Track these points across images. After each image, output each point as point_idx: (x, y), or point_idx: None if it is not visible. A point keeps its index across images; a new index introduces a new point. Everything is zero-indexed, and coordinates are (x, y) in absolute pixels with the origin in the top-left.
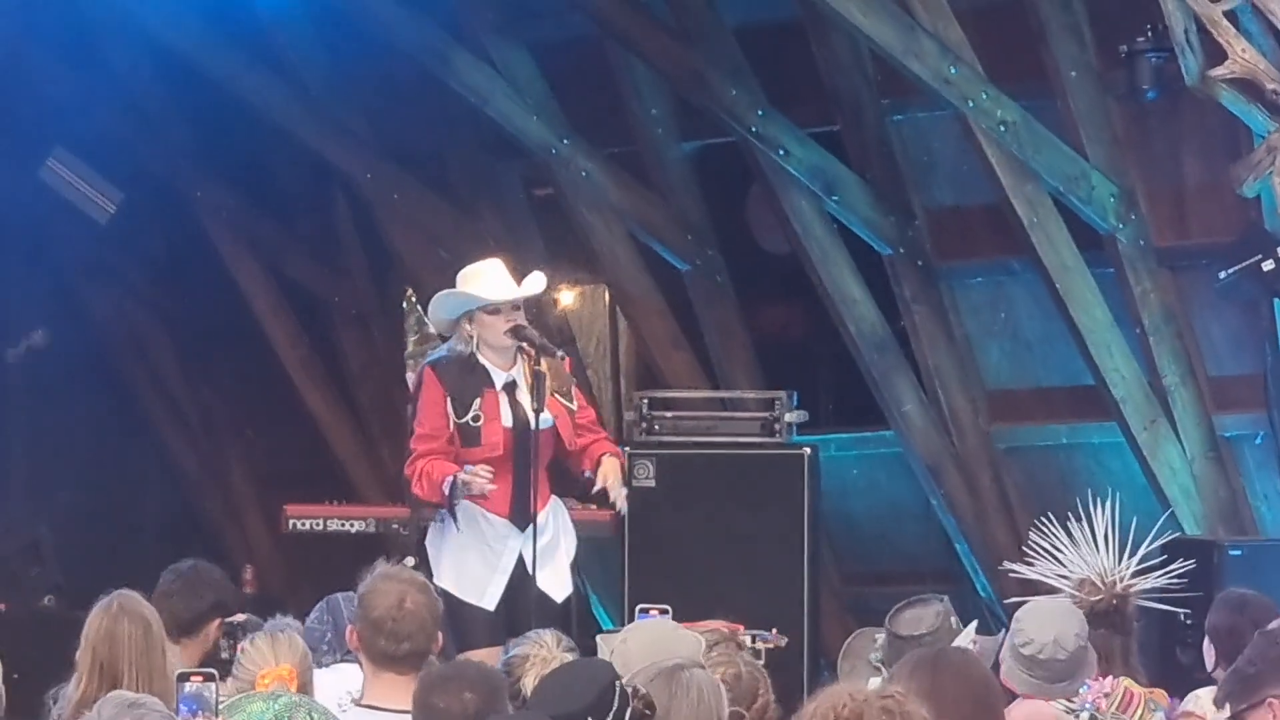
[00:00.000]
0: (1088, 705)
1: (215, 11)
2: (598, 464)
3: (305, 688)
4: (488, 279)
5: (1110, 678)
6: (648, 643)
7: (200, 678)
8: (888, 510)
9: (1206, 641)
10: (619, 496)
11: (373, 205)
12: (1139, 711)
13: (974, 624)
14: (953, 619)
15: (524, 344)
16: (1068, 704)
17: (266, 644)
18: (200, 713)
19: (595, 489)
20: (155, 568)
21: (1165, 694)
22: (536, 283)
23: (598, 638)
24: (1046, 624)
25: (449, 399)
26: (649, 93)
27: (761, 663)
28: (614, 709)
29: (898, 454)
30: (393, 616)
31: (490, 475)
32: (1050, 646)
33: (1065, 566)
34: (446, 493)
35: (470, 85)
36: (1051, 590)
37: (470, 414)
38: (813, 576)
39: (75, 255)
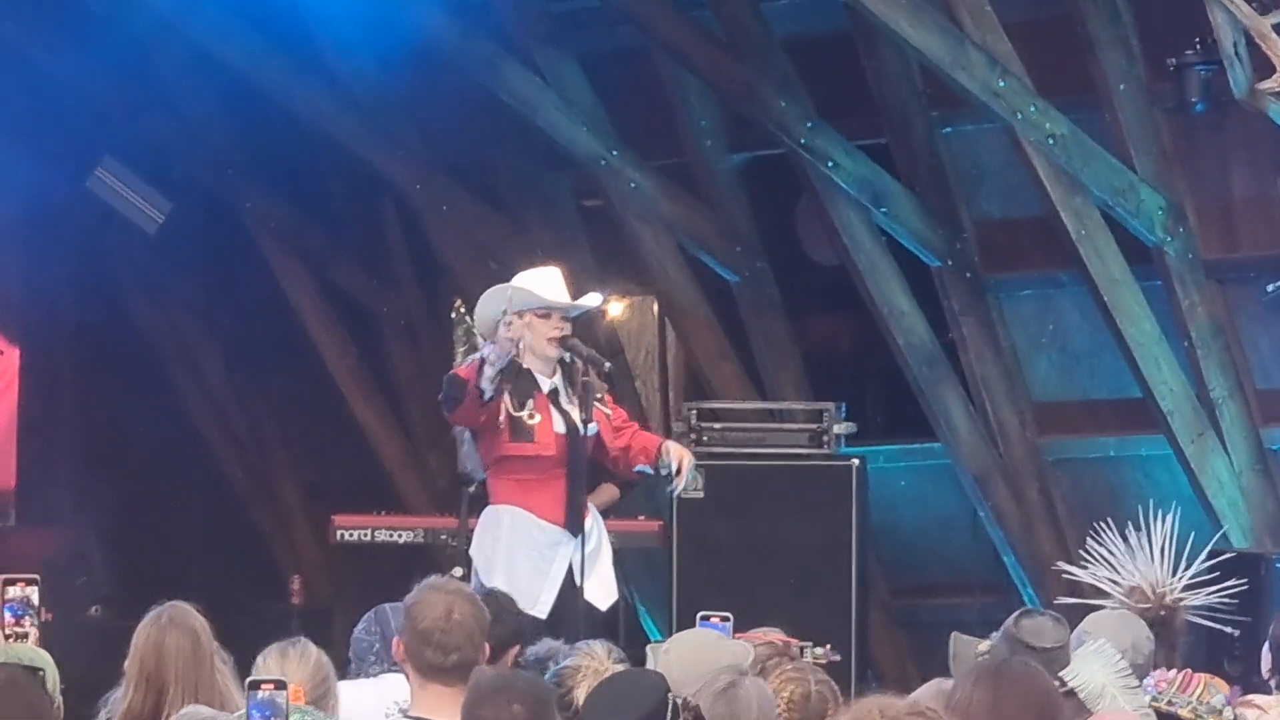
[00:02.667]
0: (1149, 688)
1: (264, 21)
2: (657, 453)
3: (319, 702)
4: (544, 283)
5: (1170, 669)
6: (689, 652)
7: (271, 685)
8: (935, 522)
9: (1266, 648)
10: (688, 476)
11: (422, 216)
12: (1198, 691)
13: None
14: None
15: (571, 354)
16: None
17: (276, 658)
18: (272, 718)
19: (666, 472)
20: (203, 578)
21: (1224, 682)
22: (592, 299)
23: (647, 648)
24: (1121, 630)
25: (502, 401)
26: (698, 104)
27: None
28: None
29: (946, 466)
30: (440, 628)
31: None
32: (1129, 651)
33: (1119, 573)
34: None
35: (520, 96)
36: (1100, 595)
37: (526, 409)
38: (861, 588)
39: (124, 265)
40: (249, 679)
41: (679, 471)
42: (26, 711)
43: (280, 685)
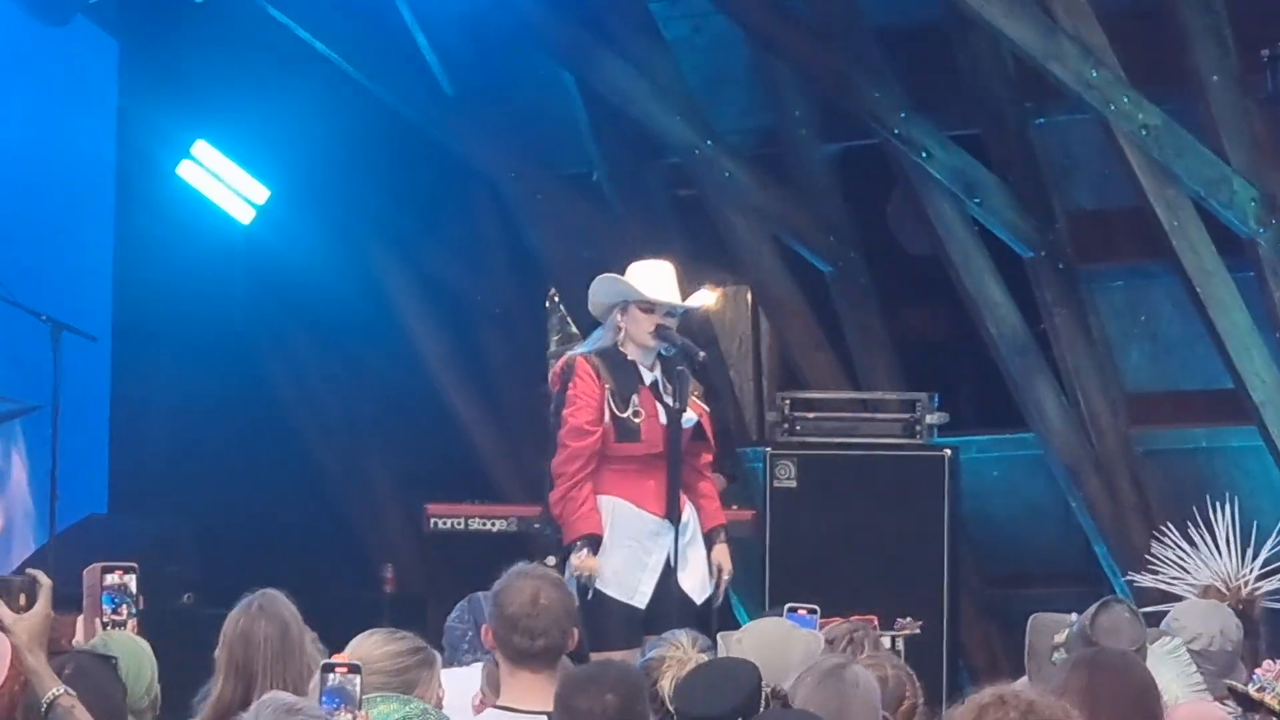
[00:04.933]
0: (1256, 677)
1: (359, 11)
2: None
3: (407, 689)
4: (655, 277)
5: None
6: (761, 642)
7: (344, 669)
8: (1027, 512)
9: None
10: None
11: (516, 205)
12: None
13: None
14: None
15: (667, 345)
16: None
17: (364, 644)
18: (343, 706)
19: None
20: (294, 566)
21: None
22: (700, 299)
23: (719, 636)
24: (1210, 617)
25: (608, 391)
26: (792, 94)
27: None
28: (760, 710)
29: (1038, 456)
30: (527, 613)
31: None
32: (1218, 638)
33: (1190, 574)
34: (577, 540)
35: (614, 86)
36: (1179, 599)
37: (631, 409)
38: (952, 578)
39: (217, 254)
40: (322, 662)
41: (718, 584)
42: (99, 699)
43: (354, 669)
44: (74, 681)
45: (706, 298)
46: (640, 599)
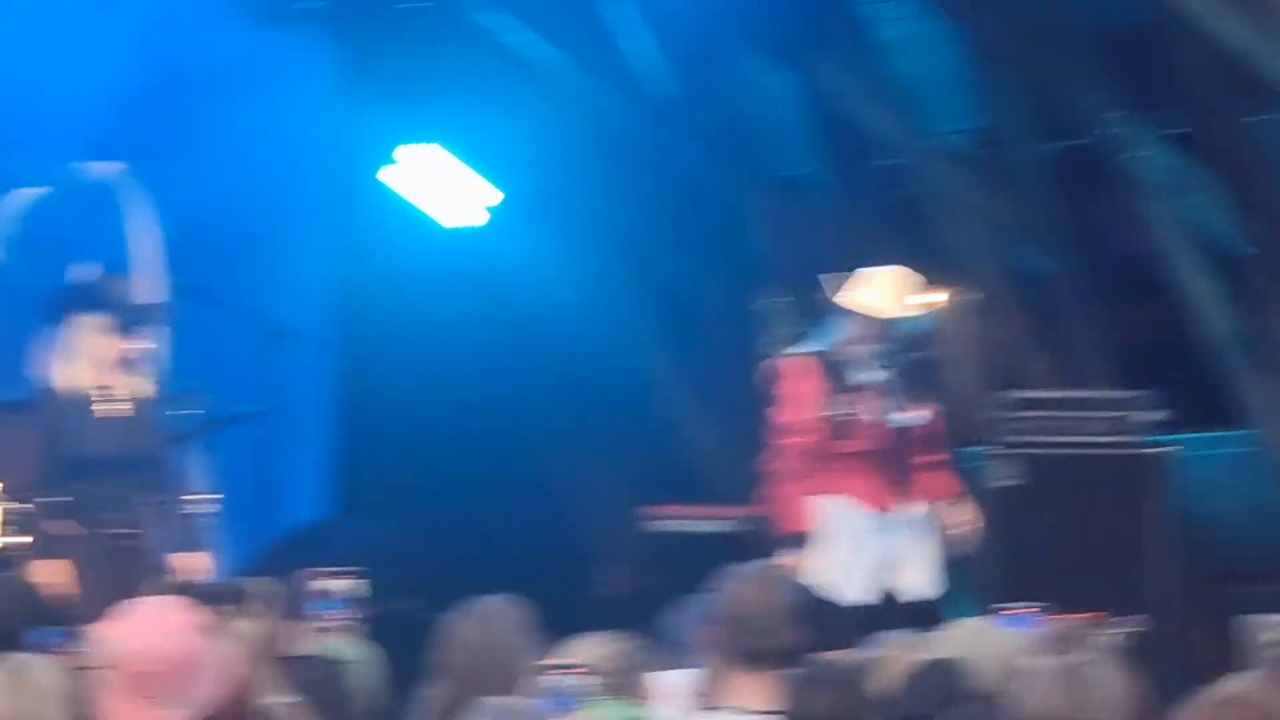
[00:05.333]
0: None
1: (580, 16)
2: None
3: (624, 691)
4: (876, 284)
5: None
6: (965, 642)
7: (563, 670)
8: (1246, 510)
9: None
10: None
11: (738, 208)
12: None
13: None
14: None
15: (889, 345)
16: None
17: (581, 647)
18: (562, 706)
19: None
20: (518, 569)
21: None
22: (923, 302)
23: (927, 635)
24: None
25: (824, 392)
26: (1008, 96)
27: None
28: (963, 710)
29: (1257, 454)
30: (752, 614)
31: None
32: None
33: None
34: (790, 538)
35: (833, 88)
36: None
37: (847, 408)
38: (1170, 576)
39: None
40: (540, 662)
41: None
42: (328, 702)
43: (573, 669)
44: (304, 686)
45: (930, 301)
46: (859, 597)
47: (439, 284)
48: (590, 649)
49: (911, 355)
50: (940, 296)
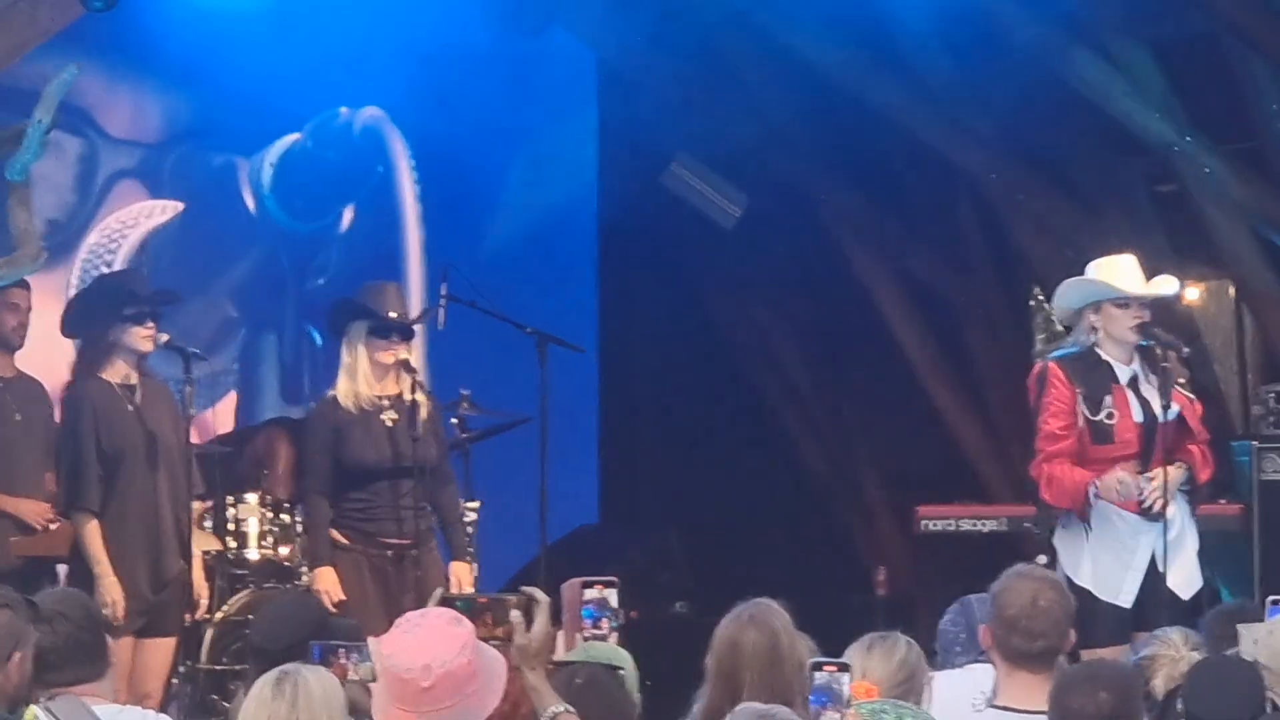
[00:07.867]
0: None
1: (838, 17)
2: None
3: (904, 697)
4: (1120, 272)
5: None
6: (1265, 643)
7: (834, 668)
8: None
9: None
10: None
11: (997, 205)
12: None
13: None
14: None
15: (1150, 340)
16: None
17: (862, 652)
18: (830, 705)
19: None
20: (785, 570)
21: None
22: (1168, 284)
23: (1239, 627)
24: None
25: (1079, 396)
26: (1270, 87)
27: None
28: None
29: None
30: (1027, 614)
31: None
32: None
33: None
34: (1090, 498)
35: (1092, 84)
36: None
37: (1104, 411)
38: None
39: (700, 262)
40: (811, 660)
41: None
42: (608, 710)
43: (843, 668)
44: (584, 691)
45: (1172, 284)
46: (1125, 599)
47: (702, 286)
48: (877, 662)
49: (1174, 346)
50: (1205, 290)
